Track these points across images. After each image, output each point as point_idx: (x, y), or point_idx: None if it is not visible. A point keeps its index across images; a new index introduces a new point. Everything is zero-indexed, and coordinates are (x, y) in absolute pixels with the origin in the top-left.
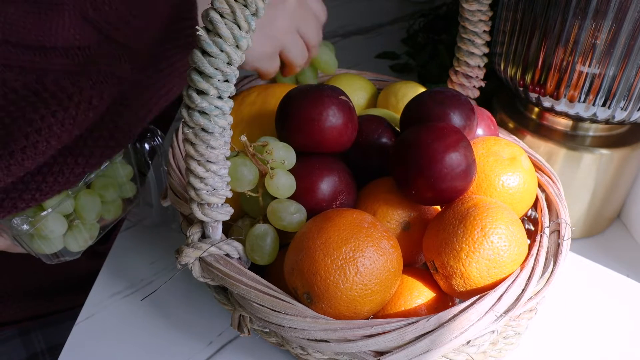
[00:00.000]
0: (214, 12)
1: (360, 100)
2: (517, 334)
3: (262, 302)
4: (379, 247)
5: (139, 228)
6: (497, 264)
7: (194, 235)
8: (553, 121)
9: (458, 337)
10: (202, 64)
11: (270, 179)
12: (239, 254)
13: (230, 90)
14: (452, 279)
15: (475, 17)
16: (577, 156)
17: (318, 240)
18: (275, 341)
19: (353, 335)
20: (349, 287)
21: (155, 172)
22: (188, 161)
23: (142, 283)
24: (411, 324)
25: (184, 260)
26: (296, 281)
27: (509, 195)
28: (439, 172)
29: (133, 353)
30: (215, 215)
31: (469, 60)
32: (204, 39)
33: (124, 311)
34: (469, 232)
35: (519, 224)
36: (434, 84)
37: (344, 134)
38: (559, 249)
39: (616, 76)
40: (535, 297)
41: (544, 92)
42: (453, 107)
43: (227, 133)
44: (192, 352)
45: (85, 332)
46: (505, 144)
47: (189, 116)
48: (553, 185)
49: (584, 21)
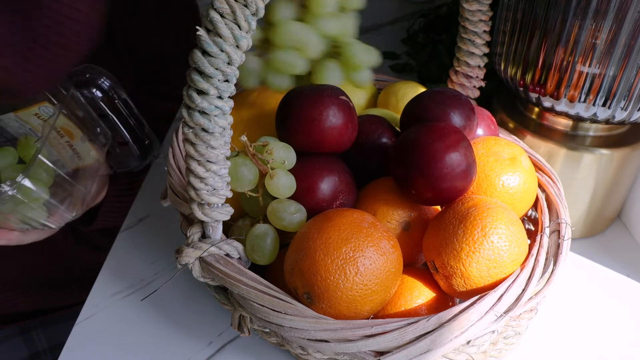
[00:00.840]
0: (214, 12)
1: (360, 100)
2: (517, 334)
3: (262, 302)
4: (379, 247)
5: (139, 228)
6: (498, 264)
7: (194, 235)
8: (553, 121)
9: (458, 337)
10: (202, 64)
11: (271, 179)
12: (239, 254)
13: (231, 90)
14: (452, 279)
15: (476, 17)
16: (577, 156)
17: (318, 240)
18: (276, 341)
19: (353, 335)
20: (349, 287)
21: (116, 113)
22: (188, 161)
23: (142, 283)
24: (411, 324)
25: (184, 260)
26: (296, 281)
27: (509, 195)
28: (439, 172)
29: (133, 353)
30: (216, 215)
31: (469, 60)
32: (204, 38)
33: (124, 311)
34: (469, 232)
35: (519, 224)
36: (434, 84)
37: (344, 134)
38: (559, 249)
39: (616, 76)
40: (535, 297)
41: (544, 92)
42: (453, 107)
43: (227, 133)
44: (192, 352)
45: (85, 332)
46: (506, 144)
47: (189, 116)
48: (553, 185)
49: (584, 21)
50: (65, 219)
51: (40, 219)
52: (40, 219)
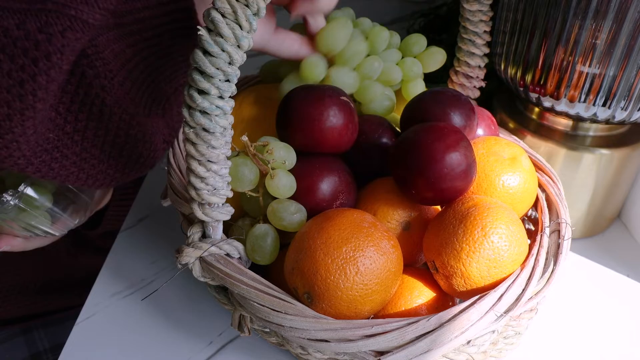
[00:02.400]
0: (215, 12)
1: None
2: (518, 334)
3: (262, 302)
4: (380, 246)
5: (140, 228)
6: (498, 264)
7: (194, 235)
8: (553, 121)
9: (458, 337)
10: (204, 64)
11: (271, 179)
12: (240, 254)
13: (232, 90)
14: (452, 279)
15: (476, 18)
16: (577, 156)
17: (318, 240)
18: (276, 341)
19: (353, 335)
20: (350, 287)
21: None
22: (189, 161)
23: (143, 283)
24: (412, 323)
25: (184, 260)
26: (296, 281)
27: (510, 195)
28: (439, 172)
29: (133, 353)
30: (216, 215)
31: (470, 61)
32: (206, 38)
33: (124, 311)
34: (469, 232)
35: (519, 223)
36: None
37: (344, 134)
38: (559, 249)
39: (616, 76)
40: (535, 297)
41: (544, 92)
42: (453, 107)
43: (228, 133)
44: (192, 352)
45: (86, 332)
46: (506, 144)
47: (190, 116)
48: (553, 185)
49: (585, 21)
50: (68, 227)
51: (43, 227)
52: (43, 227)
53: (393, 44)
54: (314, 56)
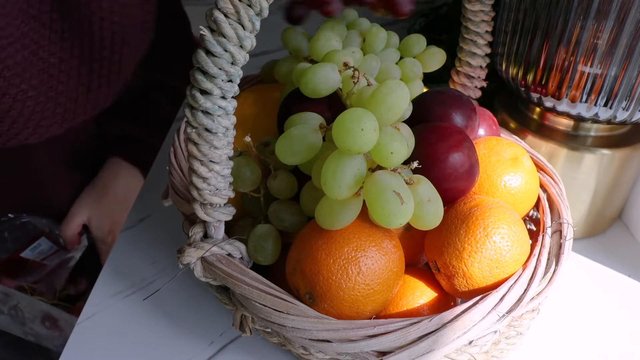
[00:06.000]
0: (218, 12)
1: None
2: (519, 334)
3: (264, 302)
4: (381, 247)
5: (140, 228)
6: (500, 264)
7: (196, 235)
8: (554, 121)
9: (460, 337)
10: (206, 64)
11: (273, 179)
12: (241, 254)
13: (234, 91)
14: (454, 279)
15: (478, 18)
16: (578, 156)
17: (320, 240)
18: (277, 341)
19: (355, 335)
20: (351, 287)
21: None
22: (191, 161)
23: (144, 283)
24: (414, 324)
25: (186, 260)
26: (298, 281)
27: (511, 195)
28: (442, 173)
29: (134, 353)
30: (218, 215)
31: (471, 61)
32: (208, 38)
33: (125, 311)
34: (471, 232)
35: (521, 224)
36: (435, 84)
37: None
38: (561, 249)
39: (618, 76)
40: (537, 297)
41: (545, 92)
42: (455, 107)
43: (230, 133)
44: (194, 352)
45: (86, 332)
46: (507, 144)
47: (192, 116)
48: (555, 185)
49: (586, 21)
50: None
51: None
52: None
53: (392, 44)
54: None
